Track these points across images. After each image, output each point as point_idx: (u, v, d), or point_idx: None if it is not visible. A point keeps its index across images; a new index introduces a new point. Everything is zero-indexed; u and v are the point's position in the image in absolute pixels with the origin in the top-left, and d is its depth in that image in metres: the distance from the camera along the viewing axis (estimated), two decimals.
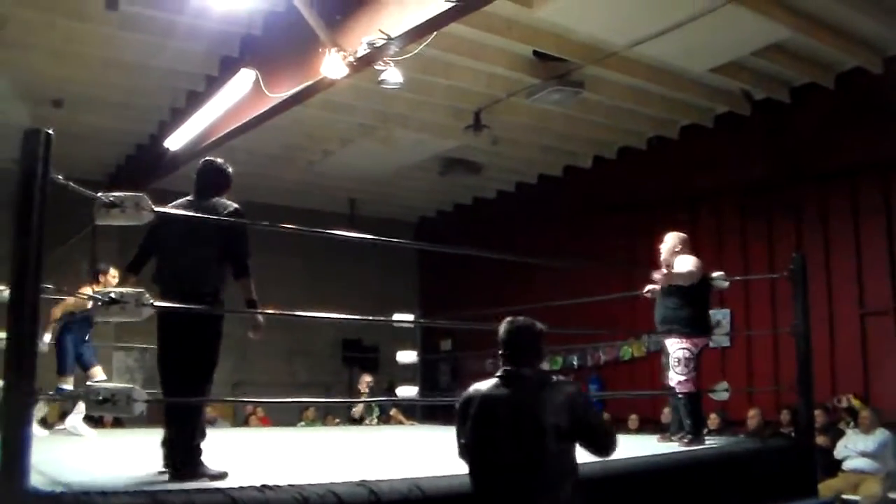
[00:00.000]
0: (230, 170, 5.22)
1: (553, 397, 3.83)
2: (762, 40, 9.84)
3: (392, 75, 8.93)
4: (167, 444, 4.67)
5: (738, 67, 10.73)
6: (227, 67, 10.28)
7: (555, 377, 4.13)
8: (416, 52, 8.67)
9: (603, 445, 3.98)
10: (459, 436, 4.05)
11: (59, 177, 3.56)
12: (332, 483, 4.08)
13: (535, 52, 10.26)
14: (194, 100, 11.11)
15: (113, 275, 8.74)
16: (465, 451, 4.01)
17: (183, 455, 4.59)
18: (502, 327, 4.08)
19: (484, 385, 4.01)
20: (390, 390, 12.05)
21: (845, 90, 10.92)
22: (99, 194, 4.03)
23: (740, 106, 11.76)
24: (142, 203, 4.07)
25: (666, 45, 9.74)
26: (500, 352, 4.03)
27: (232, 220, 4.89)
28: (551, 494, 3.76)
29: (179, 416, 4.71)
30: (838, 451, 10.06)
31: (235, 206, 4.96)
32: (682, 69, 10.72)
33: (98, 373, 8.89)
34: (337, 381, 15.88)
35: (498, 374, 4.01)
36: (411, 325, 12.41)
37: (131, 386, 3.87)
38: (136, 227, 4.22)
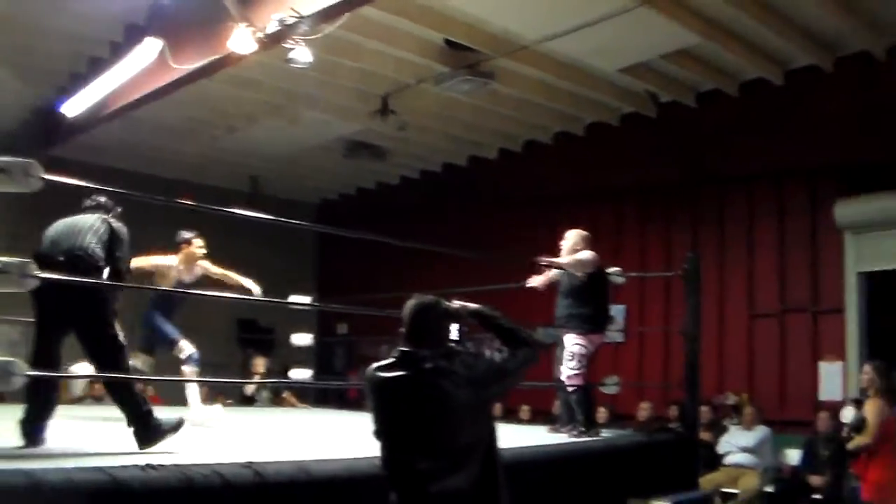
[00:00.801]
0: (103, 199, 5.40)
1: (452, 374, 3.62)
2: (671, 45, 10.01)
3: (301, 54, 8.81)
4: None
5: (647, 69, 10.89)
6: (133, 35, 9.99)
7: (453, 351, 3.82)
8: (326, 32, 8.57)
9: (525, 359, 3.86)
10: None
11: None
12: (217, 464, 3.99)
13: (446, 41, 10.24)
14: (96, 66, 10.79)
15: (199, 244, 8.06)
16: (376, 436, 3.77)
17: (139, 424, 4.80)
18: (406, 305, 3.85)
19: (381, 366, 3.75)
20: (284, 372, 11.93)
21: (748, 99, 11.19)
22: None
23: (646, 107, 11.94)
24: (30, 170, 3.90)
25: (577, 43, 9.82)
26: (401, 329, 3.84)
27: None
28: (461, 478, 3.57)
29: (118, 393, 4.88)
30: (720, 446, 10.40)
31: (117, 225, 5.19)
32: (591, 67, 10.82)
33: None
34: (231, 361, 15.63)
35: (394, 354, 3.74)
36: (308, 308, 12.29)
37: (11, 359, 3.74)
38: (29, 196, 4.06)
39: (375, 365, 3.78)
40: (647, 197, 12.87)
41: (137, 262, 6.99)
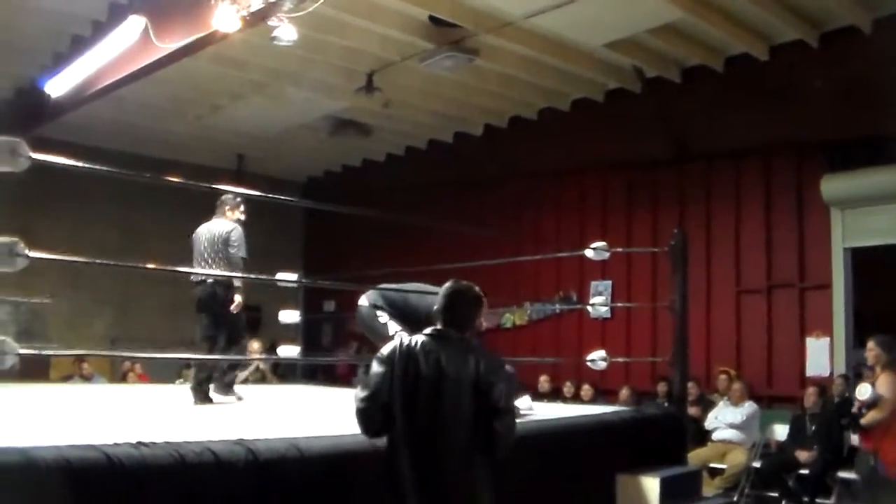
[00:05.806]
0: (233, 197, 7.33)
1: (478, 362, 3.93)
2: (656, 19, 9.98)
3: (286, 32, 8.75)
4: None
5: (632, 44, 10.85)
6: (116, 13, 9.90)
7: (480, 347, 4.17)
8: (311, 9, 8.50)
9: (501, 441, 3.95)
10: (378, 386, 3.97)
11: None
12: (209, 441, 3.98)
13: (430, 17, 10.20)
14: (79, 45, 10.69)
15: None
16: (378, 402, 3.95)
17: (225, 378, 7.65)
18: (443, 287, 4.21)
19: (411, 339, 4.04)
20: (272, 349, 11.96)
21: (733, 74, 11.16)
22: None
23: (632, 82, 11.90)
24: (18, 149, 3.84)
25: (562, 18, 9.79)
26: (435, 308, 4.17)
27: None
28: (462, 453, 3.87)
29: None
30: (708, 422, 10.47)
31: (233, 226, 7.37)
32: (576, 43, 10.78)
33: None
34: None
35: (427, 331, 4.08)
36: (295, 285, 12.29)
37: (3, 338, 3.72)
38: (14, 175, 4.01)
39: (404, 337, 4.09)
40: (633, 173, 12.87)
41: None
